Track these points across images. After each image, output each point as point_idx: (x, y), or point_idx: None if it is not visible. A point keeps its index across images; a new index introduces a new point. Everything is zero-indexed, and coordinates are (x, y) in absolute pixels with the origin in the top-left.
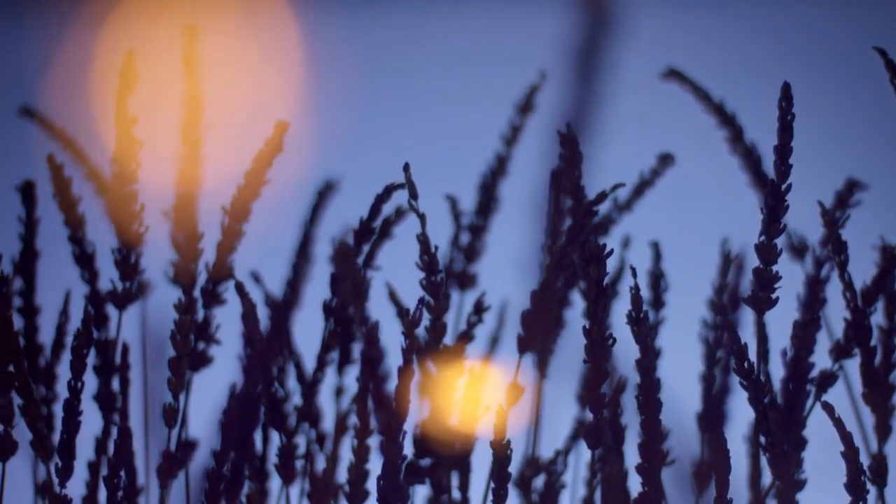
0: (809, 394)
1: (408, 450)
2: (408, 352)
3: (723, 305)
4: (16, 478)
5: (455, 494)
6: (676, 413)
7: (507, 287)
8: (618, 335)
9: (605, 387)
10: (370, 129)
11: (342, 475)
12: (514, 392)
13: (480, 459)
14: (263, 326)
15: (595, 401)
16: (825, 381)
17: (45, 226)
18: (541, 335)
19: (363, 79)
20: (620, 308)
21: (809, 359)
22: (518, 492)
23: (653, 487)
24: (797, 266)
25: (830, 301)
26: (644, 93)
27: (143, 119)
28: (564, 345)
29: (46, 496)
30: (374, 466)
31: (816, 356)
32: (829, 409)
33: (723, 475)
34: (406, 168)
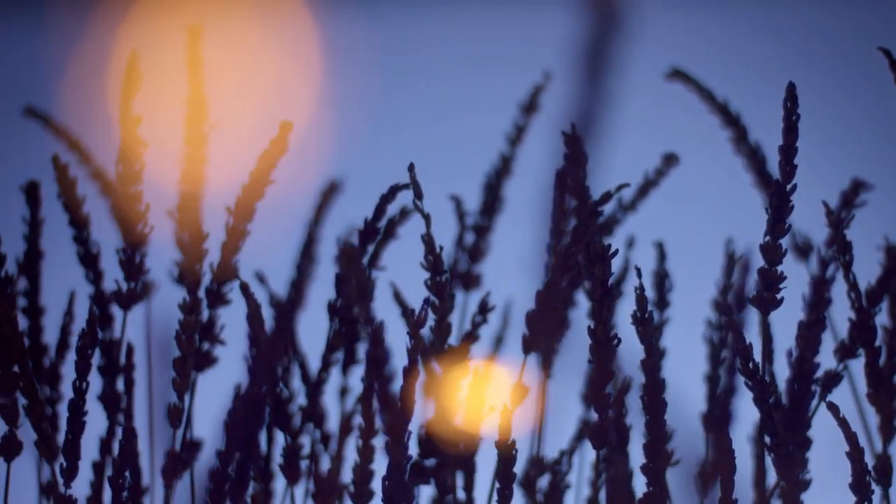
0: (814, 394)
1: (413, 450)
2: (413, 352)
3: (727, 306)
4: (20, 478)
5: (460, 495)
6: (681, 413)
7: (512, 287)
8: (623, 335)
9: (610, 387)
10: (375, 130)
11: (347, 475)
12: (519, 392)
13: (485, 460)
14: (268, 326)
15: (600, 401)
16: (830, 382)
17: (50, 226)
18: (545, 335)
19: (368, 79)
20: (625, 308)
21: (814, 359)
22: (523, 492)
23: (657, 488)
24: (802, 266)
25: (835, 301)
26: (648, 93)
27: (148, 119)
28: (569, 345)
29: (51, 496)
30: (379, 467)
31: (821, 356)
32: (834, 410)
33: (728, 475)
34: (411, 168)
